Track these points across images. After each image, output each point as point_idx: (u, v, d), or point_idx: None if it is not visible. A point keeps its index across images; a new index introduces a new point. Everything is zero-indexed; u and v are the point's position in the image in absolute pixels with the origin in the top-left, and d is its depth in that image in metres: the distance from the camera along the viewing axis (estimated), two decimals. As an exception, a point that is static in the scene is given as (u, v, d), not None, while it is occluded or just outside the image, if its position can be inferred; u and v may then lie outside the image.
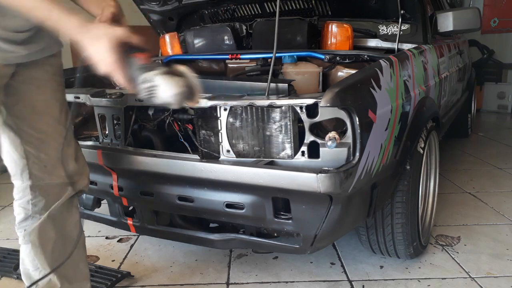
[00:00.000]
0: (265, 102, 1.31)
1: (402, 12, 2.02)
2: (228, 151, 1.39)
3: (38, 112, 1.24)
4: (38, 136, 1.24)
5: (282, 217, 1.43)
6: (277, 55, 1.54)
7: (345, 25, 2.10)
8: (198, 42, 2.45)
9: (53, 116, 1.27)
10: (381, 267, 1.91)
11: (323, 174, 1.21)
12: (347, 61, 1.91)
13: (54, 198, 1.30)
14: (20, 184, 1.28)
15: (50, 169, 1.27)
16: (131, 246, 2.17)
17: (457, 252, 2.04)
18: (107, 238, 2.26)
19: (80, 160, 1.37)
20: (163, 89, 0.98)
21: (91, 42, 1.01)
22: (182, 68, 1.03)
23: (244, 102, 1.33)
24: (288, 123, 1.31)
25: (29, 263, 1.32)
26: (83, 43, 1.01)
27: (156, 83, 0.98)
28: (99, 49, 1.00)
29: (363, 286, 1.78)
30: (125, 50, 1.01)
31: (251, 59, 2.09)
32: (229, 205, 1.46)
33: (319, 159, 1.29)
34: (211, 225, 1.81)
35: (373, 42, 2.20)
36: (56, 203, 1.29)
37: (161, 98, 0.98)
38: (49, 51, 1.25)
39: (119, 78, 1.02)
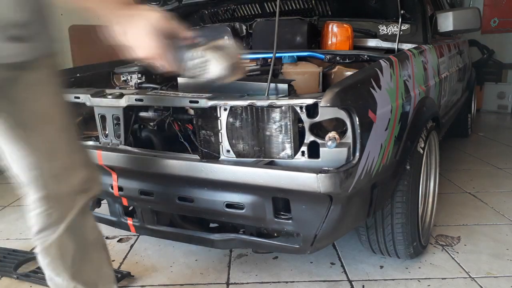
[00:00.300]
0: (265, 102, 1.31)
1: (402, 12, 2.02)
2: (228, 151, 1.39)
3: (44, 120, 1.18)
4: (47, 145, 1.19)
5: (282, 217, 1.43)
6: (277, 55, 1.54)
7: (345, 25, 2.10)
8: (198, 42, 2.44)
9: (59, 122, 1.23)
10: (381, 267, 1.91)
11: (323, 174, 1.21)
12: (347, 61, 1.91)
13: (68, 207, 1.24)
14: (32, 195, 1.22)
15: (61, 178, 1.22)
16: (131, 246, 2.17)
17: (457, 252, 2.04)
18: (107, 238, 2.26)
19: (90, 165, 1.34)
20: (215, 63, 0.99)
21: (135, 23, 0.96)
22: (224, 41, 1.06)
23: (244, 102, 1.33)
24: (288, 123, 1.31)
25: (51, 271, 1.30)
26: (125, 25, 0.96)
27: (207, 58, 0.99)
28: (143, 30, 0.96)
29: (363, 286, 1.78)
30: (167, 32, 0.99)
31: (251, 59, 2.09)
32: (229, 205, 1.46)
33: (319, 159, 1.29)
34: (211, 225, 1.81)
35: (373, 42, 2.20)
36: (71, 214, 1.25)
37: (214, 71, 1.00)
38: (44, 50, 1.20)
39: (164, 60, 0.99)
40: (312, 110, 1.28)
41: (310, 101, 1.27)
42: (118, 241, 2.22)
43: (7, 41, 1.04)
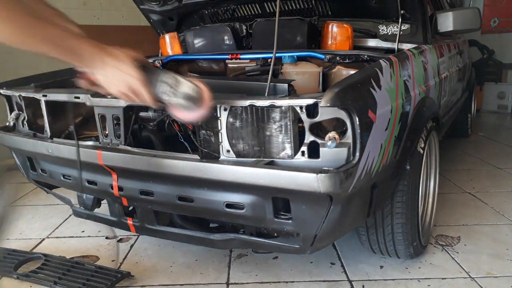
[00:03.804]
0: (265, 102, 1.31)
1: (402, 12, 2.02)
2: (228, 151, 1.39)
3: None
4: None
5: (282, 217, 1.43)
6: (277, 55, 1.54)
7: (345, 25, 2.10)
8: (198, 42, 2.44)
9: None
10: (381, 267, 1.91)
11: (323, 174, 1.20)
12: (347, 61, 1.91)
13: None
14: None
15: None
16: (131, 246, 2.17)
17: (457, 252, 2.04)
18: (107, 238, 2.26)
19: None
20: (186, 83, 1.08)
21: (116, 61, 0.99)
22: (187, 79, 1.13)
23: (244, 102, 1.33)
24: (288, 123, 1.31)
25: None
26: (104, 65, 0.99)
27: (178, 79, 1.08)
28: (126, 67, 1.00)
29: (363, 286, 1.78)
30: (140, 64, 1.06)
31: (251, 59, 2.09)
32: (229, 205, 1.46)
33: (319, 159, 1.29)
34: (211, 225, 1.81)
35: (373, 42, 2.20)
36: None
37: (183, 92, 1.08)
38: None
39: (145, 91, 1.04)
40: (312, 110, 1.28)
41: (310, 101, 1.27)
42: (118, 241, 2.22)
43: None
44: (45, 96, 1.73)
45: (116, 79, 1.01)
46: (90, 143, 1.67)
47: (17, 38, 0.86)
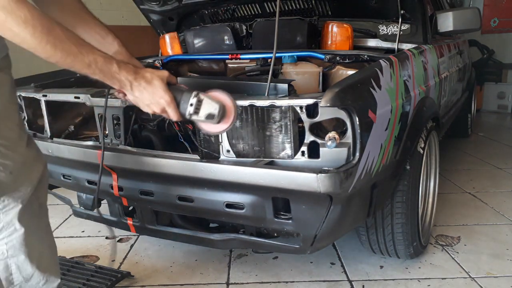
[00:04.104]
0: (265, 102, 1.31)
1: (402, 12, 2.02)
2: (228, 151, 1.39)
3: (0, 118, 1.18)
4: (3, 143, 1.18)
5: (282, 217, 1.43)
6: (277, 55, 1.54)
7: (345, 25, 2.10)
8: (198, 42, 2.44)
9: (14, 120, 1.22)
10: (381, 267, 1.91)
11: (323, 174, 1.20)
12: (347, 61, 1.91)
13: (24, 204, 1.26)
14: None
15: (15, 175, 1.22)
16: (131, 246, 2.17)
17: (457, 252, 2.04)
18: (107, 238, 2.26)
19: (41, 161, 1.34)
20: (208, 101, 1.15)
21: (147, 84, 1.14)
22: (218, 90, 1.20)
23: (244, 102, 1.33)
24: (288, 123, 1.31)
25: (23, 272, 1.30)
26: (139, 87, 1.14)
27: (201, 98, 1.15)
28: (157, 89, 1.14)
29: (363, 286, 1.78)
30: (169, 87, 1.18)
31: (251, 59, 2.09)
32: (229, 205, 1.46)
33: (319, 159, 1.29)
34: (211, 225, 1.81)
35: (373, 42, 2.20)
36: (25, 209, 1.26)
37: (205, 112, 1.15)
38: (1, 53, 1.19)
39: (172, 110, 1.16)
40: (312, 110, 1.28)
41: (310, 101, 1.27)
42: (118, 241, 2.22)
43: None
44: (45, 96, 1.73)
45: (148, 101, 1.16)
46: (90, 143, 1.67)
47: (65, 62, 1.04)
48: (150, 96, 1.15)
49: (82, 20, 1.32)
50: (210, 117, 1.16)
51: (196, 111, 1.16)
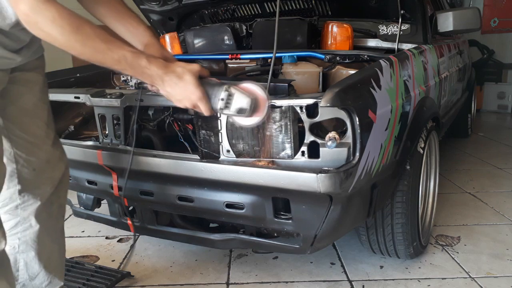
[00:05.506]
0: (265, 102, 1.31)
1: (402, 12, 2.01)
2: (228, 151, 1.39)
3: (29, 115, 1.21)
4: (30, 139, 1.22)
5: (282, 217, 1.43)
6: (277, 55, 1.53)
7: (345, 25, 2.10)
8: (198, 42, 2.44)
9: (42, 118, 1.25)
10: (381, 267, 1.91)
11: (323, 174, 1.21)
12: (347, 61, 1.91)
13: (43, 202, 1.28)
14: (6, 189, 1.23)
15: (38, 172, 1.25)
16: (131, 246, 2.17)
17: (457, 252, 2.04)
18: (107, 238, 2.26)
19: (64, 161, 1.35)
20: (239, 95, 1.14)
21: (178, 80, 1.12)
22: (250, 82, 1.20)
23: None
24: (288, 123, 1.31)
25: (29, 270, 1.31)
26: (170, 82, 1.12)
27: (231, 92, 1.14)
28: (188, 85, 1.12)
29: (363, 286, 1.78)
30: (202, 77, 1.16)
31: (251, 59, 2.09)
32: (229, 205, 1.46)
33: (319, 159, 1.29)
34: (211, 225, 1.81)
35: (373, 42, 2.20)
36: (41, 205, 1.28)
37: (236, 104, 1.14)
38: (37, 53, 1.24)
39: (204, 106, 1.14)
40: (312, 110, 1.28)
41: (310, 101, 1.27)
42: (118, 241, 2.22)
43: (11, 51, 1.10)
44: (45, 96, 1.73)
45: (180, 96, 1.14)
46: (90, 143, 1.67)
47: (96, 59, 1.05)
48: (182, 91, 1.13)
49: (116, 11, 1.32)
50: (241, 111, 1.15)
51: (227, 105, 1.15)
